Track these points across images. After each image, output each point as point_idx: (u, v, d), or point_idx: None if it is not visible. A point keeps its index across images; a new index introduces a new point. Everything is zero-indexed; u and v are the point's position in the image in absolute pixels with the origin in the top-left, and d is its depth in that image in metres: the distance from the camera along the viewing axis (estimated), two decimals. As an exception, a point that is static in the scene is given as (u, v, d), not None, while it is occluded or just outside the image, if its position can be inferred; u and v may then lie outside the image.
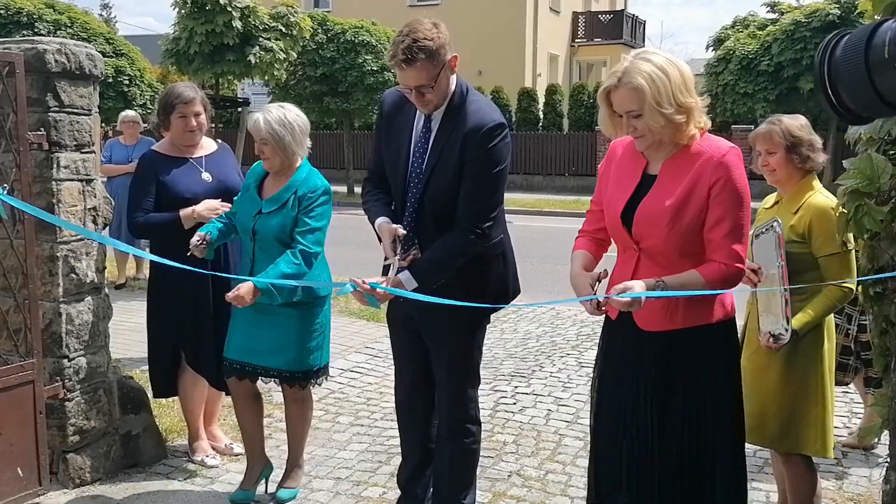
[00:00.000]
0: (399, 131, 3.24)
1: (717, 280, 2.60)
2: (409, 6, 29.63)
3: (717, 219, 2.59)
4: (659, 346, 2.70)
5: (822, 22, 18.40)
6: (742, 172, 2.62)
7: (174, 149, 4.19)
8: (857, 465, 4.36)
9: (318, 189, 3.70)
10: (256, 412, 3.95)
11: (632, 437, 2.76)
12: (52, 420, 3.78)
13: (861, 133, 2.79)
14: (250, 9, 14.69)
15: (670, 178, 2.65)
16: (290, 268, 3.56)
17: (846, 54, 2.02)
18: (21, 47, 3.60)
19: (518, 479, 4.19)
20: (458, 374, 3.36)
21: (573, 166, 24.42)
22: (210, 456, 4.28)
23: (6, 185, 3.46)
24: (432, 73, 2.98)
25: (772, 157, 3.35)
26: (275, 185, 3.75)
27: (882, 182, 2.59)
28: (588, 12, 35.12)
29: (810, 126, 3.41)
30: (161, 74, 24.29)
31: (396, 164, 3.24)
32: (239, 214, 3.82)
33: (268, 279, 3.47)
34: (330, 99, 20.69)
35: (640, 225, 2.67)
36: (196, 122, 4.11)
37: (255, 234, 3.69)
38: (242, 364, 3.76)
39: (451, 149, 3.08)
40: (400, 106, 3.26)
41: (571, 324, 7.63)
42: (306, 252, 3.61)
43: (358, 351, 6.55)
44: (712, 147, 2.63)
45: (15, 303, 3.61)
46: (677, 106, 2.55)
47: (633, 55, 2.66)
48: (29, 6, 20.69)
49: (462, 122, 3.08)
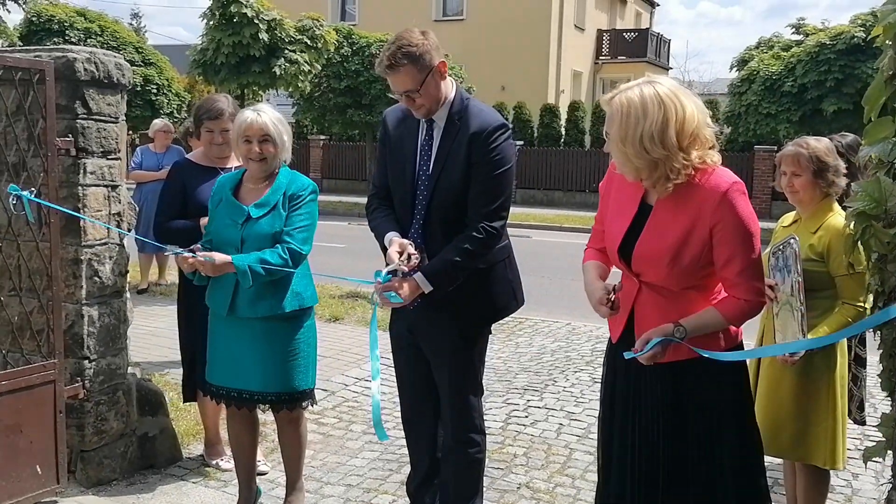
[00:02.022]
0: (402, 143, 3.31)
1: (738, 317, 2.57)
2: (434, 20, 29.87)
3: (728, 258, 2.52)
4: (663, 372, 2.67)
5: (846, 44, 18.33)
6: (745, 206, 2.51)
7: (206, 159, 4.28)
8: (867, 485, 4.36)
9: (307, 187, 3.57)
10: (252, 437, 3.82)
11: (639, 454, 2.74)
12: (72, 420, 3.86)
13: (872, 156, 2.83)
14: (277, 21, 14.91)
15: (668, 213, 2.57)
16: (275, 259, 3.37)
17: None
18: (51, 55, 3.70)
19: (527, 491, 4.22)
20: (461, 385, 3.38)
21: (594, 183, 24.39)
22: (224, 459, 4.35)
23: (34, 188, 3.56)
24: (417, 77, 3.06)
25: (797, 178, 3.42)
26: (256, 191, 3.56)
27: (889, 205, 2.61)
28: (613, 30, 35.20)
29: (836, 151, 3.47)
30: (189, 84, 24.61)
31: (402, 175, 3.29)
32: (218, 228, 3.56)
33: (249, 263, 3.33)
34: (353, 111, 20.91)
35: (640, 262, 2.62)
36: (222, 139, 4.16)
37: (242, 242, 3.47)
38: (228, 390, 3.58)
39: (457, 153, 3.16)
40: (402, 120, 3.34)
41: (587, 339, 7.66)
42: (294, 250, 3.44)
43: (373, 361, 6.60)
44: (711, 184, 2.50)
45: (39, 304, 3.71)
46: (641, 150, 2.43)
47: (645, 78, 2.59)
48: (61, 14, 21.07)
49: (465, 126, 3.16)
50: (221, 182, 3.69)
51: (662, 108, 2.42)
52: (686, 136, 2.45)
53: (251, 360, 3.51)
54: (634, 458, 2.75)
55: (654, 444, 2.71)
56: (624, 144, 2.46)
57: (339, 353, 6.64)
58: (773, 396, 3.42)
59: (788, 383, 3.38)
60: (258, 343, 3.51)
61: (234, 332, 3.53)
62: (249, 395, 3.57)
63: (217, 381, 3.62)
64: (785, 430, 3.39)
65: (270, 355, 3.52)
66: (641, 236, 2.62)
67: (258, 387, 3.55)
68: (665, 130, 2.42)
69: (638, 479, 2.74)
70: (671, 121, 2.42)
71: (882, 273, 2.76)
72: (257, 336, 3.51)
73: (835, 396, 3.37)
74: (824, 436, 3.36)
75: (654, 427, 2.71)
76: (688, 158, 2.46)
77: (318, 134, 26.41)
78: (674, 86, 2.50)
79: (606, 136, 2.56)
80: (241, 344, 3.52)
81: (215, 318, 3.61)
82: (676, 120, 2.43)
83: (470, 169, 3.14)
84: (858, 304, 3.26)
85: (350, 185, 26.27)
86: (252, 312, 3.47)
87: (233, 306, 3.48)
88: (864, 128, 2.78)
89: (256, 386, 3.54)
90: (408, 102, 3.14)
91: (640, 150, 2.44)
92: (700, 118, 2.49)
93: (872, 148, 2.74)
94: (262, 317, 3.48)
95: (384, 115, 3.46)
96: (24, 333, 3.72)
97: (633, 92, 2.46)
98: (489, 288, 3.32)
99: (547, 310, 8.97)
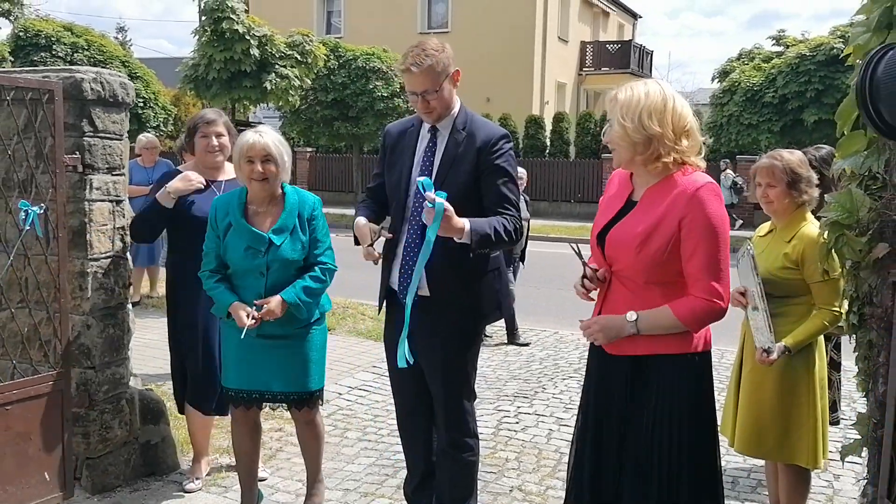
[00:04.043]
0: (401, 154, 3.52)
1: (688, 316, 2.63)
2: (419, 33, 30.07)
3: (691, 252, 2.63)
4: (625, 367, 2.78)
5: (826, 56, 18.69)
6: (717, 208, 2.64)
7: (196, 172, 4.28)
8: (848, 486, 4.53)
9: (316, 205, 3.74)
10: (255, 444, 3.96)
11: (600, 448, 2.84)
12: (78, 428, 3.97)
13: (844, 168, 2.99)
14: (267, 37, 15.06)
15: (647, 206, 2.73)
16: (316, 284, 3.62)
17: (887, 71, 2.05)
18: (59, 76, 3.83)
19: (519, 493, 4.36)
20: (455, 390, 3.52)
21: (579, 193, 24.71)
22: (193, 480, 4.29)
23: (43, 203, 3.68)
24: (436, 80, 3.30)
25: (772, 189, 3.59)
26: (268, 214, 3.66)
27: (861, 215, 2.78)
28: (596, 42, 35.55)
29: (808, 163, 3.65)
30: (175, 97, 24.66)
31: (399, 182, 3.47)
32: (237, 257, 3.60)
33: (296, 292, 3.55)
34: (340, 123, 21.05)
35: (611, 247, 2.78)
36: (217, 143, 4.21)
37: (268, 268, 3.58)
38: (249, 392, 3.71)
39: (462, 161, 3.37)
40: (402, 133, 3.57)
41: (574, 347, 7.81)
42: (329, 269, 3.70)
43: (365, 370, 6.74)
44: (689, 181, 2.66)
45: (47, 315, 3.82)
46: (640, 125, 2.63)
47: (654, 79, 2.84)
48: (48, 29, 21.08)
49: (472, 136, 3.39)
50: (221, 205, 3.69)
51: (663, 94, 2.67)
52: (679, 126, 2.66)
53: (272, 364, 3.66)
54: (601, 447, 2.84)
55: (619, 432, 2.81)
56: (625, 119, 2.65)
57: (333, 363, 6.74)
58: (755, 399, 3.59)
59: (770, 386, 3.54)
60: (279, 349, 3.66)
61: (253, 339, 3.60)
62: (272, 395, 3.72)
63: (236, 385, 3.72)
64: (769, 432, 3.55)
65: (290, 358, 3.68)
66: (618, 223, 2.80)
67: (279, 388, 3.69)
68: (663, 112, 2.64)
69: (596, 473, 2.84)
70: (669, 106, 2.65)
71: (856, 279, 2.92)
72: (278, 342, 3.66)
73: (815, 397, 3.54)
74: (807, 436, 3.52)
75: (617, 425, 2.81)
76: (678, 143, 2.66)
77: (305, 146, 26.55)
78: (668, 85, 2.78)
79: (608, 125, 2.76)
80: (261, 349, 3.64)
81: (234, 329, 3.60)
82: (674, 108, 2.66)
83: (476, 180, 3.35)
84: (834, 308, 3.43)
85: (336, 196, 26.36)
86: (283, 331, 3.63)
87: (261, 327, 3.56)
88: (838, 142, 2.96)
89: (277, 387, 3.69)
90: (422, 105, 3.33)
91: (639, 126, 2.64)
92: (692, 122, 2.71)
93: (845, 161, 2.92)
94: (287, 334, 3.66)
95: (386, 130, 3.69)
96: (33, 344, 3.84)
97: (635, 83, 2.72)
98: (478, 293, 3.49)
99: (535, 319, 9.12)
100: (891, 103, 2.05)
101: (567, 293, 2.98)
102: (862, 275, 2.86)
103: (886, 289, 2.70)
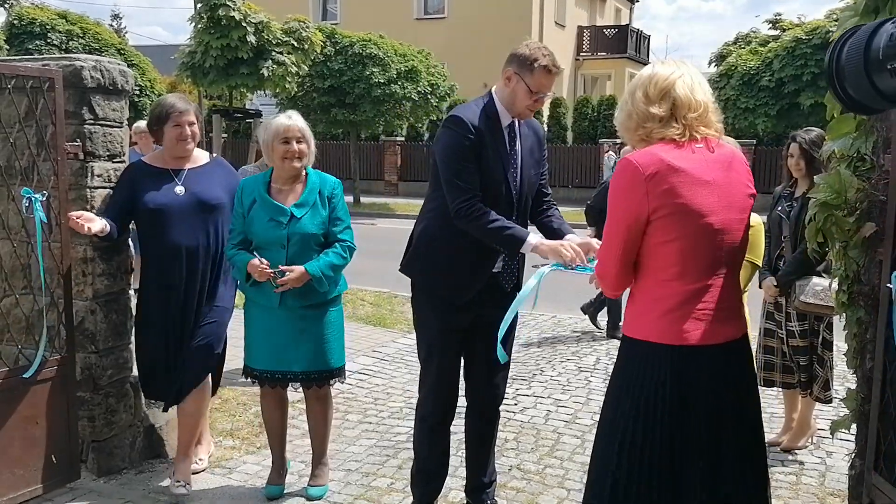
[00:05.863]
0: (497, 148, 3.44)
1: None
2: (415, 19, 30.03)
3: None
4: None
5: (822, 39, 18.69)
6: (617, 181, 2.53)
7: (160, 160, 4.10)
8: (840, 462, 4.61)
9: (337, 186, 3.97)
10: (283, 414, 4.16)
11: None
12: (83, 412, 4.04)
13: (834, 150, 3.06)
14: (264, 24, 15.04)
15: None
16: (339, 260, 3.85)
17: (849, 53, 2.17)
18: (60, 64, 3.87)
19: (518, 472, 4.44)
20: (506, 361, 3.53)
21: (577, 178, 24.75)
22: (180, 484, 4.04)
23: (45, 191, 3.73)
24: None
25: None
26: (290, 191, 3.88)
27: (849, 195, 2.85)
28: (593, 26, 35.48)
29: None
30: (171, 85, 24.63)
31: (499, 173, 3.44)
32: (260, 228, 3.81)
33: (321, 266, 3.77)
34: (337, 110, 21.02)
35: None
36: (190, 132, 4.03)
37: (288, 240, 3.79)
38: (273, 373, 3.94)
39: (532, 149, 3.59)
40: (488, 127, 3.42)
41: (571, 331, 7.88)
42: (350, 247, 3.92)
43: (366, 354, 6.82)
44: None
45: (51, 301, 3.88)
46: (630, 98, 2.59)
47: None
48: (43, 17, 21.02)
49: (532, 126, 3.63)
50: (247, 186, 3.90)
51: (679, 69, 2.55)
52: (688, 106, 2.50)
53: (295, 345, 3.89)
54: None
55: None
56: (634, 95, 2.58)
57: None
58: None
59: None
60: (301, 331, 3.89)
61: (277, 320, 3.88)
62: (293, 375, 3.94)
63: (262, 366, 3.95)
64: None
65: (312, 339, 3.91)
66: None
67: (302, 367, 3.92)
68: (647, 87, 2.53)
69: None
70: (677, 84, 2.51)
71: (845, 259, 2.99)
72: (300, 321, 3.88)
73: None
74: None
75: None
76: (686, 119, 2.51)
77: (302, 133, 26.44)
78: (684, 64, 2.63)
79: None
80: (286, 329, 3.88)
81: (259, 309, 3.92)
82: (657, 82, 2.53)
83: (539, 161, 3.64)
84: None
85: (334, 183, 26.37)
86: (302, 302, 3.83)
87: (283, 299, 3.82)
88: (828, 124, 3.02)
89: (300, 367, 3.92)
90: (538, 104, 3.45)
91: (629, 98, 2.58)
92: (681, 94, 2.51)
93: (835, 143, 2.98)
94: (307, 305, 3.86)
95: (463, 120, 3.38)
96: (38, 330, 3.89)
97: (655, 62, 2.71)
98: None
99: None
100: (853, 82, 2.19)
101: (563, 276, 3.04)
102: (850, 254, 2.93)
103: (874, 267, 2.77)
